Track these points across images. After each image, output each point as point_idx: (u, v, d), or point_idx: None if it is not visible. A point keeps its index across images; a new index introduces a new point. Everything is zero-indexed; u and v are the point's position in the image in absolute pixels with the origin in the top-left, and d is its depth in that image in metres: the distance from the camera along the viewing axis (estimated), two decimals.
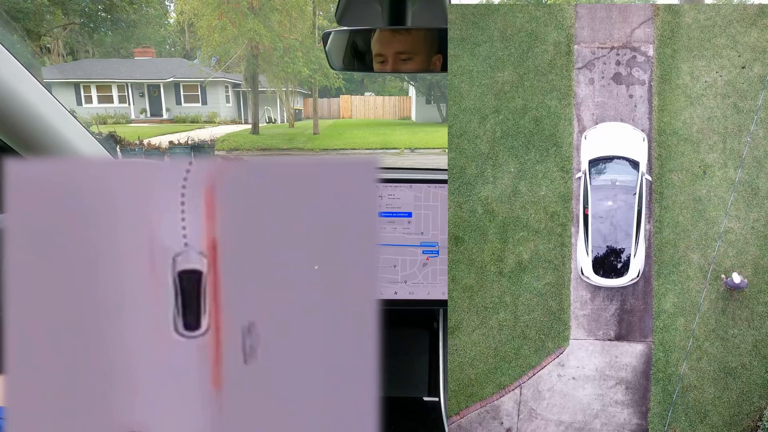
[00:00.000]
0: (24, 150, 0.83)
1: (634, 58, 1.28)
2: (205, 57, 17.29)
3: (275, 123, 20.39)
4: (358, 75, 16.76)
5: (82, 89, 18.75)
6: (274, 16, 14.07)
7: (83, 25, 17.11)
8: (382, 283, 1.19)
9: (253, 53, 14.51)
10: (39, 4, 12.35)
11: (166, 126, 17.22)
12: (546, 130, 1.28)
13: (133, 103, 19.37)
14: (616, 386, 1.24)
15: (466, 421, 1.25)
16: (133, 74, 18.96)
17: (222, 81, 18.82)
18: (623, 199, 1.21)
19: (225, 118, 19.62)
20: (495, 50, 1.30)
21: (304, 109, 22.28)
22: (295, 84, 16.88)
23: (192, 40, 22.58)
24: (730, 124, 1.26)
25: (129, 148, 10.02)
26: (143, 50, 20.79)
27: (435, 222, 1.20)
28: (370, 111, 23.43)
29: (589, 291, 1.26)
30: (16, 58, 0.78)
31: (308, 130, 16.09)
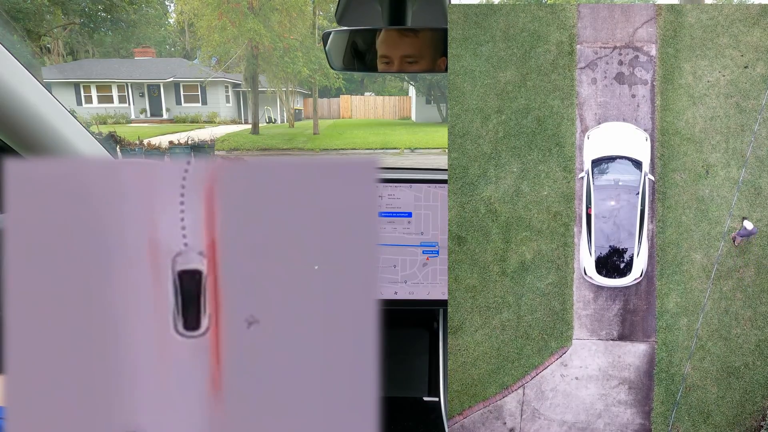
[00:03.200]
0: (24, 150, 0.83)
1: (636, 58, 1.28)
2: (205, 57, 17.31)
3: (275, 123, 20.41)
4: (358, 75, 16.77)
5: (82, 89, 18.78)
6: (274, 16, 14.08)
7: (83, 25, 17.14)
8: (382, 283, 1.19)
9: (253, 53, 14.53)
10: (39, 4, 12.36)
11: (166, 126, 17.25)
12: (549, 130, 1.28)
13: (133, 103, 19.40)
14: (619, 386, 1.24)
15: (469, 421, 1.25)
16: (133, 74, 18.98)
17: (222, 81, 18.84)
18: (626, 198, 1.21)
19: (225, 118, 19.65)
20: (497, 50, 1.30)
21: (304, 109, 22.30)
22: (295, 84, 16.90)
23: (192, 40, 22.62)
24: (732, 124, 1.25)
25: (129, 148, 10.04)
26: (143, 50, 20.82)
27: (435, 222, 1.20)
28: (370, 111, 23.45)
29: (592, 291, 1.26)
30: (16, 58, 0.77)
31: (308, 130, 16.11)
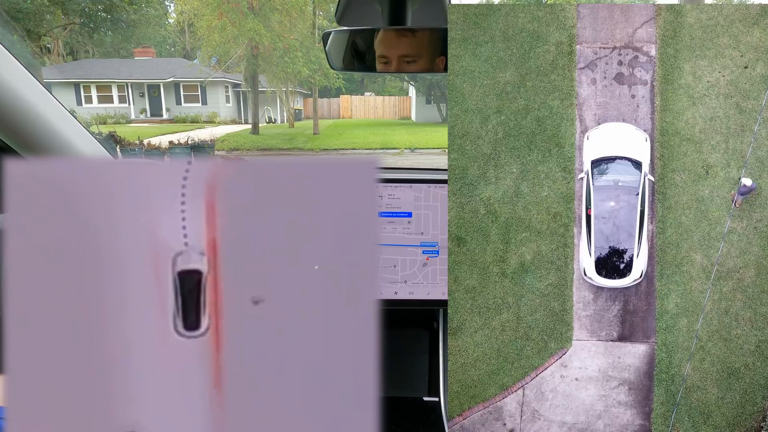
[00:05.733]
0: (24, 150, 0.83)
1: (636, 58, 1.28)
2: (205, 57, 17.31)
3: (275, 123, 20.39)
4: (358, 75, 16.76)
5: (82, 89, 18.77)
6: (274, 16, 14.08)
7: (83, 25, 17.12)
8: (382, 283, 1.19)
9: (253, 53, 14.52)
10: (39, 4, 12.35)
11: (166, 126, 17.23)
12: (548, 130, 1.28)
13: (133, 103, 19.39)
14: (619, 387, 1.24)
15: (469, 422, 1.24)
16: (133, 74, 18.97)
17: (222, 81, 18.83)
18: (626, 199, 1.20)
19: (225, 118, 19.64)
20: (497, 50, 1.30)
21: (304, 109, 22.28)
22: (295, 84, 16.89)
23: (192, 40, 22.62)
24: (732, 124, 1.25)
25: (129, 148, 10.03)
26: (143, 50, 20.80)
27: (435, 222, 1.20)
28: (370, 111, 23.44)
29: (591, 292, 1.26)
30: (16, 58, 0.77)
31: (308, 130, 16.10)
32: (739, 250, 1.23)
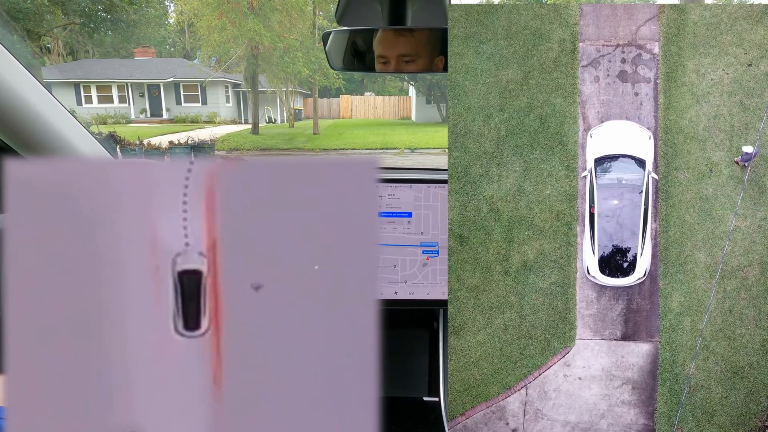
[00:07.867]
0: (24, 150, 0.82)
1: (639, 56, 1.27)
2: (205, 57, 17.34)
3: (275, 123, 20.42)
4: (358, 75, 16.77)
5: (82, 89, 18.81)
6: (274, 16, 14.09)
7: (83, 25, 17.17)
8: (382, 283, 1.19)
9: (253, 53, 14.54)
10: (39, 4, 12.38)
11: (166, 126, 17.27)
12: (551, 128, 1.28)
13: (133, 103, 19.42)
14: (623, 386, 1.23)
15: (472, 421, 1.24)
16: (133, 74, 19.00)
17: (222, 81, 18.86)
18: (629, 197, 1.20)
19: (225, 118, 19.67)
20: (499, 48, 1.29)
21: (304, 109, 22.31)
22: (295, 84, 16.91)
23: (192, 40, 22.65)
24: (736, 122, 1.25)
25: (129, 148, 10.06)
26: (143, 50, 20.83)
27: (435, 222, 1.20)
28: (370, 111, 23.45)
29: (595, 290, 1.25)
30: (16, 58, 0.77)
31: (308, 130, 16.11)
32: (744, 248, 1.23)
